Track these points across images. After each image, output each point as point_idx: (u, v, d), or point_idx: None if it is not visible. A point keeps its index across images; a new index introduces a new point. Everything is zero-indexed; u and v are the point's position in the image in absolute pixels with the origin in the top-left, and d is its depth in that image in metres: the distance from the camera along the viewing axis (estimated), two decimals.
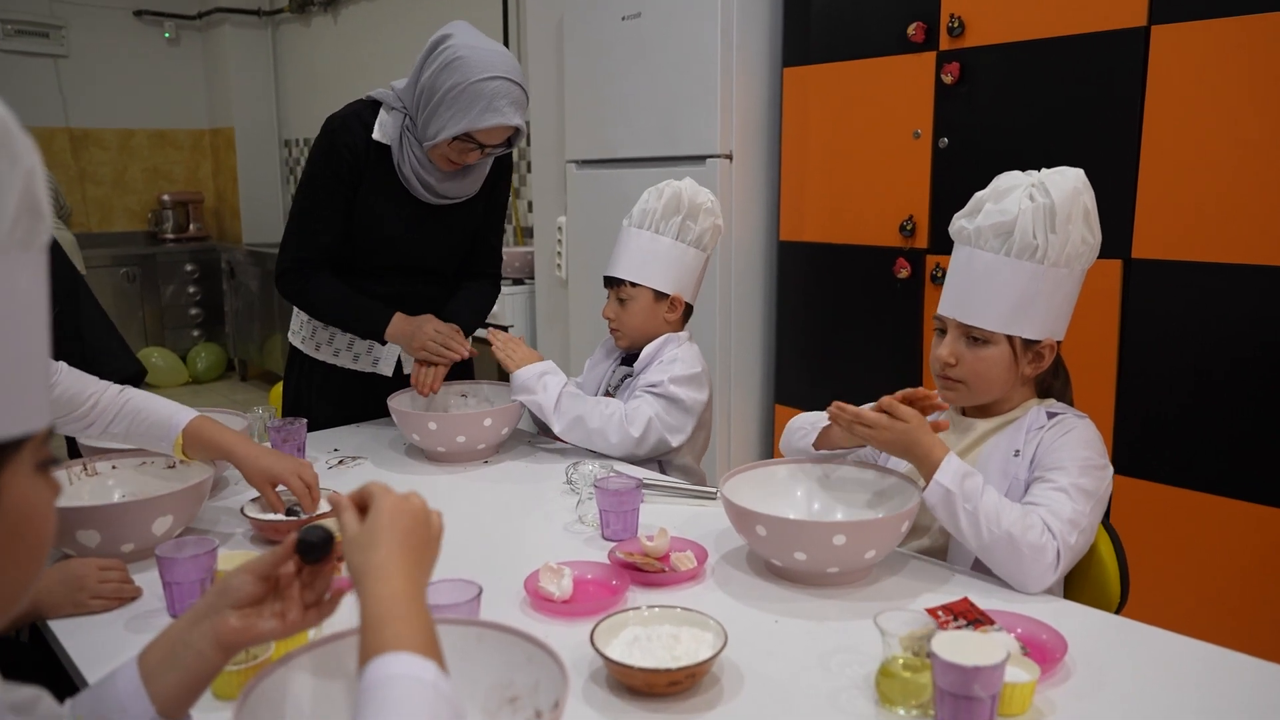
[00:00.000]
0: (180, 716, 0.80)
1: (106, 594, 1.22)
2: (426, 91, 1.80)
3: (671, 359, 1.86)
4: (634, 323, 1.90)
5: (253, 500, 1.49)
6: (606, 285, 1.93)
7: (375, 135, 1.89)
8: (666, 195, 1.85)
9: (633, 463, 1.82)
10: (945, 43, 2.48)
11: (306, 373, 2.11)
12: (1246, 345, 2.05)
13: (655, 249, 1.86)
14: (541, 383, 1.84)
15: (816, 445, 1.52)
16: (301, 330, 2.11)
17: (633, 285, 1.87)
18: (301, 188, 1.96)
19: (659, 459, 1.87)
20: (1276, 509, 2.02)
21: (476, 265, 2.13)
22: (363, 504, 0.84)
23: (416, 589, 0.77)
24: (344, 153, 1.89)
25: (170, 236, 6.59)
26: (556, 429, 1.84)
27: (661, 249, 1.86)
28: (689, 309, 1.94)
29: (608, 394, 1.96)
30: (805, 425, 1.55)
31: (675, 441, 1.82)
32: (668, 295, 1.88)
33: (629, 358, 1.97)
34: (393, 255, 1.99)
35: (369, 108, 1.93)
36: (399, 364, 2.07)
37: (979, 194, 1.40)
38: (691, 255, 1.88)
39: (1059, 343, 1.41)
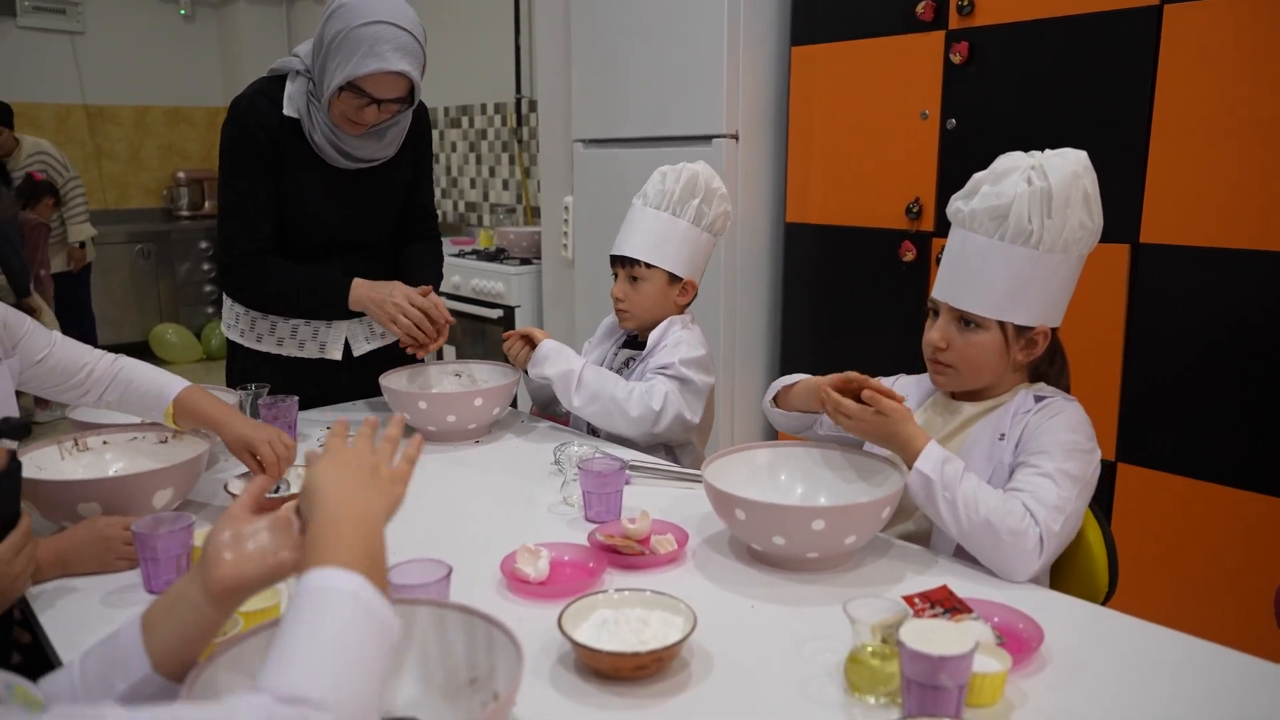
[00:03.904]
0: (181, 674, 0.81)
1: (132, 555, 1.24)
2: (317, 46, 1.75)
3: (677, 341, 1.83)
4: (646, 305, 1.86)
5: (237, 476, 1.50)
6: (615, 264, 1.89)
7: (285, 110, 1.82)
8: (685, 177, 1.81)
9: (646, 446, 1.79)
10: (954, 21, 2.43)
11: (250, 367, 2.00)
12: (1255, 332, 2.00)
13: (672, 231, 1.82)
14: (564, 355, 1.81)
15: (776, 402, 1.52)
16: (239, 323, 2.00)
17: (647, 266, 1.84)
18: (225, 181, 1.87)
19: (674, 445, 1.85)
20: None
21: (414, 229, 2.07)
22: None
23: (358, 516, 0.80)
24: (257, 132, 1.82)
25: (185, 214, 6.63)
26: (577, 402, 1.77)
27: (678, 231, 1.83)
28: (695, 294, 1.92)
29: None
30: (777, 385, 1.55)
31: (692, 417, 1.79)
32: (681, 279, 1.86)
33: (631, 340, 1.95)
34: (322, 231, 1.92)
35: (273, 83, 1.85)
36: (347, 346, 2.00)
37: (978, 175, 1.37)
38: (705, 240, 1.86)
39: (1054, 329, 1.38)
